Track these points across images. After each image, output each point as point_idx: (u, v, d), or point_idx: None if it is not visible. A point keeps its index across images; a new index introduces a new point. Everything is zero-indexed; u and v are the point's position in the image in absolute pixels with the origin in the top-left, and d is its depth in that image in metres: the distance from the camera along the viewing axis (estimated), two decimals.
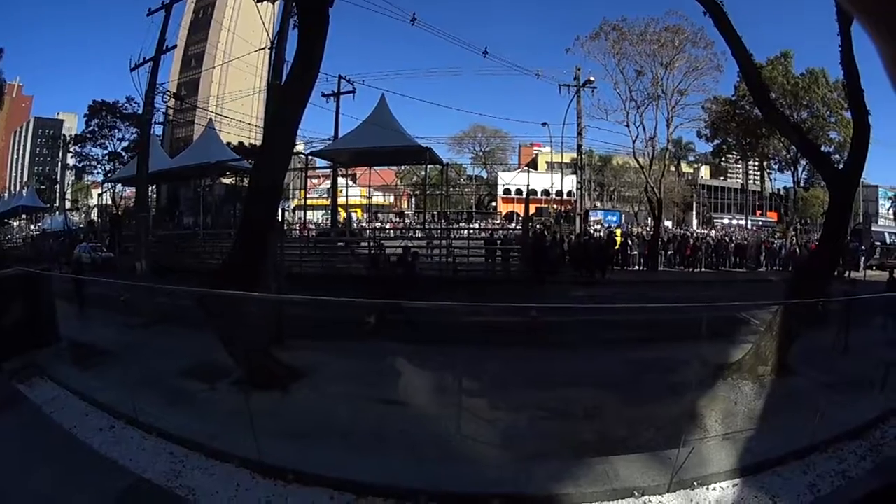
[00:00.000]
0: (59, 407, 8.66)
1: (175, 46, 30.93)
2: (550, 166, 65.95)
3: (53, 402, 8.84)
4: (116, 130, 56.34)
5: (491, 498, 6.15)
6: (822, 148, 38.89)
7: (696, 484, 6.28)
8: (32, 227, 64.49)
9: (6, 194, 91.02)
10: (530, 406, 9.09)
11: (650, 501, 6.05)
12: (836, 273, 25.06)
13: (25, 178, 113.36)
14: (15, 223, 65.48)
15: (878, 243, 39.43)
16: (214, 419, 8.16)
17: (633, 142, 38.27)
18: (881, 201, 72.83)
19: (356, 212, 61.57)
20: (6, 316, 10.67)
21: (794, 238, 44.52)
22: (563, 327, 13.55)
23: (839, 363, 10.82)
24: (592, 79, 38.62)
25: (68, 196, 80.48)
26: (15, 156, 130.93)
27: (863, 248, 33.09)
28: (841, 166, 12.86)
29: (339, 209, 40.24)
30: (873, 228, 42.67)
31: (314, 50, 10.11)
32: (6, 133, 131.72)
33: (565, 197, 57.50)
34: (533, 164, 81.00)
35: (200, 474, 6.46)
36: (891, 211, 73.09)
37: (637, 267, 32.54)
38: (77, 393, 9.10)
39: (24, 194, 70.42)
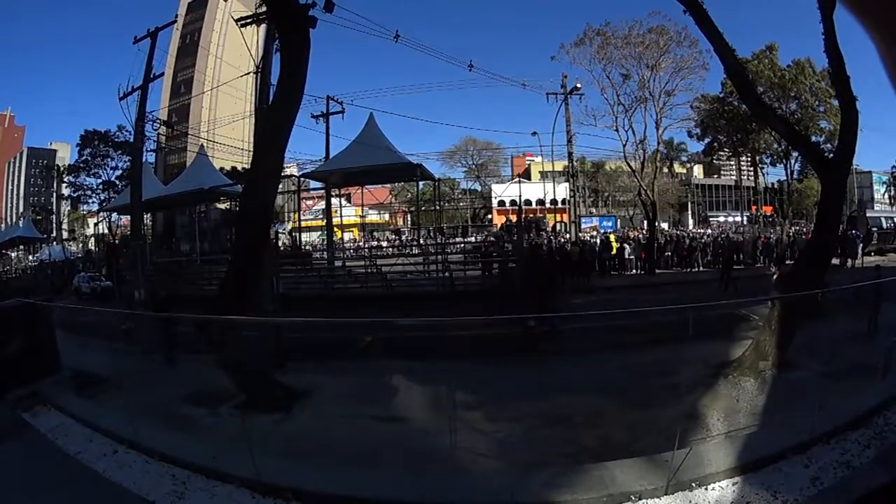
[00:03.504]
0: (64, 434, 8.69)
1: (163, 74, 30.94)
2: (543, 176, 66.01)
3: (58, 430, 8.87)
4: (109, 159, 56.38)
5: None
6: (813, 138, 39.00)
7: (694, 485, 6.27)
8: (30, 257, 64.58)
9: (3, 225, 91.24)
10: (527, 415, 9.12)
11: None
12: (838, 263, 25.20)
13: (21, 209, 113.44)
14: (13, 254, 65.56)
15: (874, 229, 39.39)
16: (215, 442, 8.18)
17: (624, 146, 38.36)
18: (876, 186, 72.84)
19: (352, 231, 61.72)
20: (8, 346, 10.69)
21: (791, 231, 44.51)
22: (561, 335, 13.55)
23: (840, 352, 10.75)
24: (579, 85, 38.83)
25: (65, 226, 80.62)
26: (10, 186, 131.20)
27: (860, 234, 33.03)
28: (832, 155, 12.88)
29: (336, 230, 40.24)
30: (869, 214, 42.66)
31: (297, 72, 10.15)
32: (0, 164, 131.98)
33: (559, 205, 57.48)
34: (526, 175, 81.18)
35: (202, 495, 6.51)
36: (886, 196, 73.16)
37: (635, 271, 32.54)
38: (80, 420, 9.12)
39: (21, 225, 70.68)
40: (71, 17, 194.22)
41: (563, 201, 55.05)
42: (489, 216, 73.18)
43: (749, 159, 68.55)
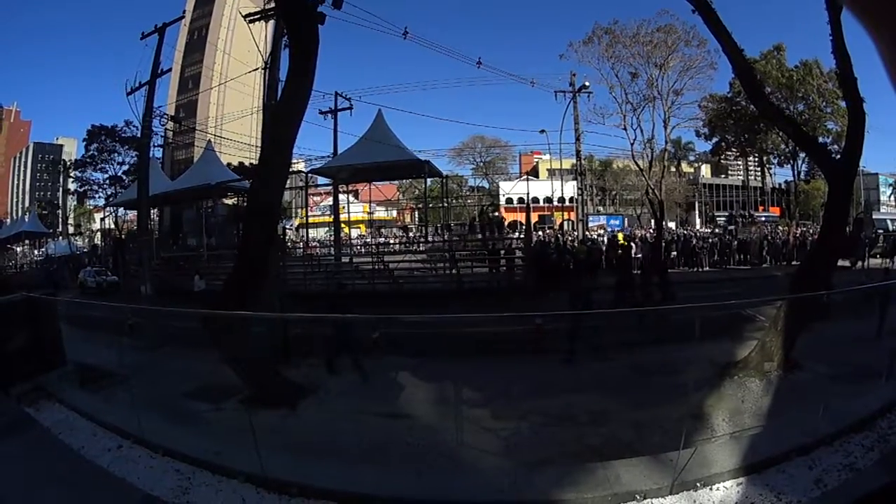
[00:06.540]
0: (68, 428, 8.71)
1: (170, 69, 30.93)
2: (551, 173, 65.96)
3: (62, 424, 8.88)
4: (116, 154, 56.49)
5: None
6: (820, 139, 38.92)
7: (699, 485, 6.27)
8: (36, 252, 64.66)
9: (8, 220, 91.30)
10: (533, 413, 9.12)
11: None
12: (849, 264, 25.21)
13: (27, 204, 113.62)
14: (18, 249, 65.63)
15: (880, 231, 39.30)
16: (220, 437, 8.19)
17: (632, 144, 38.29)
18: (882, 188, 72.60)
19: (360, 228, 61.76)
20: (13, 341, 10.70)
21: (798, 231, 44.48)
22: (567, 334, 13.53)
23: (845, 354, 10.74)
24: (587, 83, 38.74)
25: (71, 221, 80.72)
26: (16, 181, 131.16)
27: (867, 236, 32.92)
28: (839, 156, 12.85)
29: (344, 226, 40.22)
30: (876, 216, 42.55)
31: (305, 68, 10.13)
32: (6, 159, 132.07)
33: (567, 203, 57.51)
34: (534, 172, 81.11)
35: (206, 490, 6.53)
36: (892, 198, 72.88)
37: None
38: (85, 414, 9.14)
39: (27, 220, 70.73)
40: (78, 12, 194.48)
41: (571, 199, 55.08)
42: (496, 213, 73.08)
43: (756, 159, 68.59)
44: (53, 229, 72.94)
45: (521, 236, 32.00)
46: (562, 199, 57.88)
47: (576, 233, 43.78)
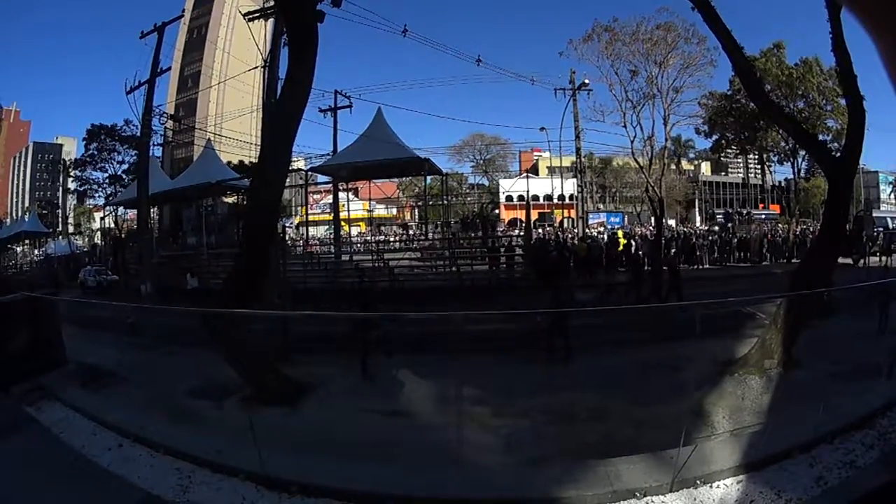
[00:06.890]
0: (68, 428, 8.71)
1: (170, 68, 30.90)
2: (551, 171, 65.95)
3: (62, 424, 8.88)
4: (116, 153, 56.35)
5: (492, 503, 6.20)
6: (820, 136, 38.80)
7: (699, 482, 6.26)
8: (36, 251, 64.65)
9: (8, 220, 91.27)
10: (533, 410, 9.12)
11: (652, 502, 6.04)
12: (852, 262, 25.27)
13: (27, 204, 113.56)
14: (18, 248, 65.62)
15: (880, 228, 39.24)
16: (220, 435, 8.18)
17: (632, 142, 38.16)
18: (882, 186, 72.66)
19: (360, 225, 61.78)
20: (13, 340, 10.71)
21: (798, 229, 44.42)
22: (568, 331, 13.53)
23: (846, 352, 10.71)
24: (587, 81, 38.67)
25: (71, 220, 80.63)
26: (15, 181, 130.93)
27: (867, 234, 32.87)
28: (839, 154, 12.81)
29: (343, 224, 40.24)
30: (876, 214, 42.46)
31: (305, 66, 10.13)
32: (6, 159, 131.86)
33: (567, 201, 57.51)
34: (534, 170, 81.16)
35: (207, 489, 6.53)
36: (892, 196, 72.91)
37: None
38: (85, 414, 9.13)
39: (26, 220, 70.66)
40: (77, 12, 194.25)
41: (571, 197, 55.06)
42: (496, 211, 73.01)
43: (756, 157, 68.48)
44: (53, 229, 72.82)
45: (522, 234, 32.06)
46: (562, 197, 57.84)
47: (576, 230, 43.81)
